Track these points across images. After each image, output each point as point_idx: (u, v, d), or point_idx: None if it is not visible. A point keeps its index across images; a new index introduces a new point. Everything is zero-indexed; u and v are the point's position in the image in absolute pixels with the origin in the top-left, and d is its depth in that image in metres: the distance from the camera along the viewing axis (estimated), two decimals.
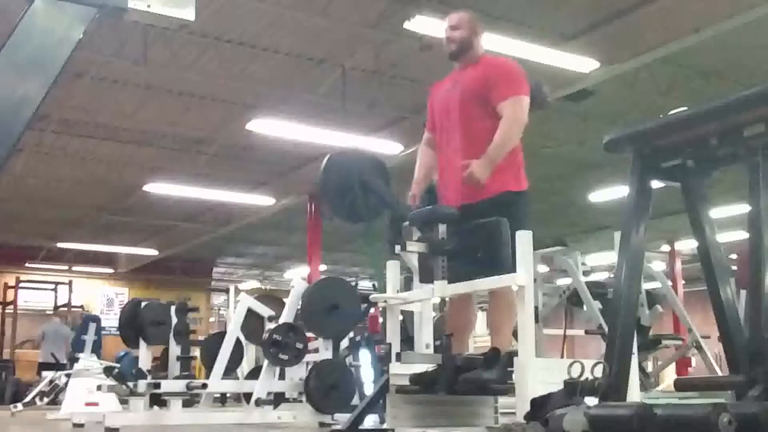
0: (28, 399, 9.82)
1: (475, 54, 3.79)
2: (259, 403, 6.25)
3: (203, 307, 20.04)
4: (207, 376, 6.78)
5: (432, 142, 3.92)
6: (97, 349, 10.80)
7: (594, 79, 8.59)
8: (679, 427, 1.75)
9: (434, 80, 3.85)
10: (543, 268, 7.87)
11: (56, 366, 11.52)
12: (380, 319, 6.70)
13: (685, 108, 2.16)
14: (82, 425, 6.34)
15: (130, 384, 6.29)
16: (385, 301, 3.80)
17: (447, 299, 3.74)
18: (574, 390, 2.00)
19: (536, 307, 6.22)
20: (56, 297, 17.09)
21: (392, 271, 3.81)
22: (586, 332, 7.13)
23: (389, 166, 4.04)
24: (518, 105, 3.57)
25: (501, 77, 3.64)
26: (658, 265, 15.89)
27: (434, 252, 3.36)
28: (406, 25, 7.19)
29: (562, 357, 6.46)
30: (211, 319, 22.62)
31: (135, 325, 7.46)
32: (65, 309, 16.31)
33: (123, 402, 7.51)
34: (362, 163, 4.11)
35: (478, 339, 13.14)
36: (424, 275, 3.44)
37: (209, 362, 6.87)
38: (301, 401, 6.42)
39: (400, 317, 3.94)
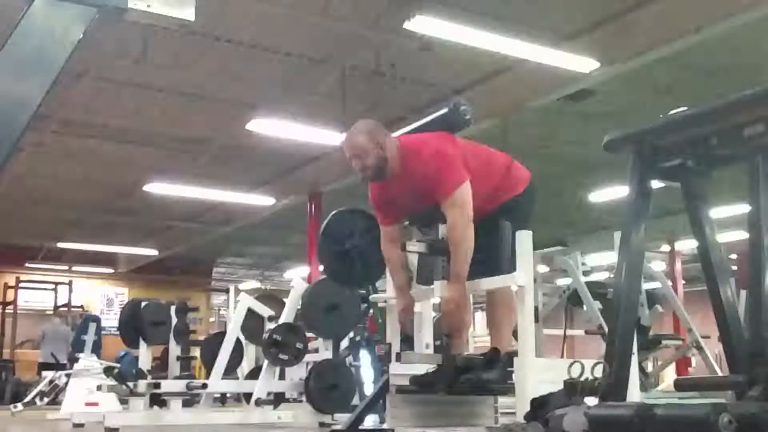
0: (28, 399, 9.82)
1: (393, 162, 3.43)
2: (259, 403, 6.25)
3: (203, 307, 20.04)
4: (207, 376, 6.79)
5: (394, 235, 3.60)
6: (97, 349, 10.82)
7: (594, 79, 8.59)
8: (679, 427, 1.75)
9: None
10: (543, 268, 7.88)
11: (56, 366, 11.53)
12: (378, 319, 6.70)
13: (685, 108, 2.16)
14: (82, 425, 6.35)
15: (130, 384, 6.30)
16: (385, 301, 3.80)
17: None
18: (574, 390, 2.00)
19: (536, 307, 6.22)
20: (56, 297, 17.11)
21: None
22: (586, 332, 7.13)
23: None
24: (457, 204, 3.30)
25: (433, 178, 3.34)
26: (658, 265, 15.90)
27: (434, 252, 3.36)
28: (406, 25, 7.19)
29: (562, 357, 6.47)
30: (211, 319, 22.63)
31: (135, 325, 7.48)
32: (65, 309, 16.33)
33: (123, 402, 7.52)
34: (354, 226, 4.08)
35: (478, 339, 13.14)
36: (424, 276, 3.44)
37: (209, 362, 6.88)
38: (301, 401, 6.43)
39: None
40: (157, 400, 6.79)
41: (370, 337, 7.30)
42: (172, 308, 7.36)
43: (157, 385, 6.30)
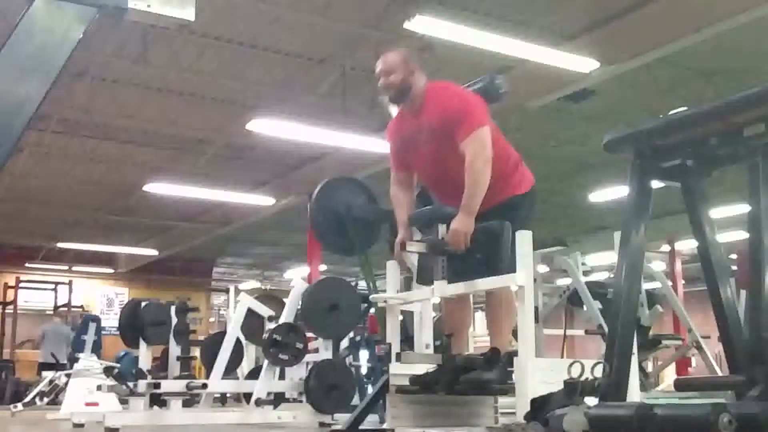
0: (28, 399, 9.81)
1: (418, 93, 3.53)
2: (259, 403, 6.25)
3: (203, 307, 20.02)
4: (207, 376, 6.78)
5: (404, 181, 3.73)
6: (97, 349, 10.81)
7: (594, 79, 8.59)
8: (679, 427, 1.75)
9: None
10: (543, 268, 7.87)
11: (56, 366, 11.52)
12: (377, 319, 6.70)
13: (685, 108, 2.16)
14: (82, 425, 6.34)
15: (130, 384, 6.29)
16: (385, 301, 3.80)
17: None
18: (574, 390, 2.00)
19: (536, 307, 6.21)
20: (56, 297, 17.09)
21: (392, 271, 3.81)
22: (586, 332, 7.12)
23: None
24: (478, 142, 3.36)
25: (455, 115, 3.41)
26: (658, 265, 15.88)
27: (434, 252, 3.36)
28: (406, 25, 7.19)
29: (562, 357, 6.46)
30: (211, 319, 22.62)
31: (135, 325, 7.46)
32: (65, 309, 16.32)
33: (123, 402, 7.51)
34: (348, 195, 4.07)
35: (478, 339, 13.14)
36: (424, 275, 3.44)
37: (209, 362, 6.87)
38: (301, 401, 6.42)
39: (400, 317, 3.95)
40: (157, 400, 6.78)
41: (370, 337, 7.31)
42: (172, 308, 7.35)
43: (157, 385, 6.29)
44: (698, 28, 7.44)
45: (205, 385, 6.43)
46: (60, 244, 17.68)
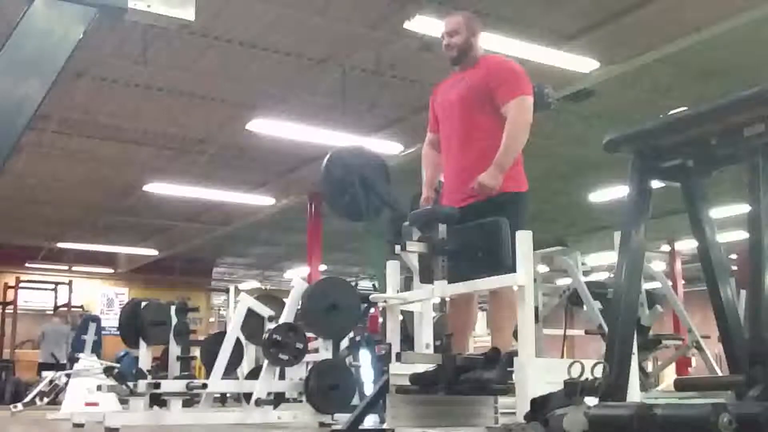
0: (28, 399, 9.81)
1: (475, 55, 3.80)
2: (259, 403, 6.25)
3: (203, 307, 20.03)
4: (207, 376, 6.78)
5: (435, 142, 3.92)
6: (97, 349, 10.81)
7: (594, 79, 8.59)
8: (679, 427, 1.75)
9: (434, 80, 3.85)
10: (543, 268, 7.87)
11: (56, 366, 11.53)
12: (380, 320, 6.70)
13: (685, 108, 2.16)
14: (82, 425, 6.34)
15: (130, 384, 6.29)
16: (385, 301, 3.80)
17: (447, 299, 3.75)
18: (574, 390, 2.00)
19: (536, 307, 6.21)
20: (56, 297, 17.08)
21: (392, 271, 3.81)
22: (586, 332, 7.12)
23: (389, 166, 4.04)
24: (523, 105, 3.56)
25: (504, 77, 3.63)
26: (658, 265, 15.89)
27: (434, 252, 3.36)
28: (406, 25, 7.19)
29: (562, 357, 6.46)
30: (211, 319, 22.62)
31: (135, 325, 7.46)
32: (65, 309, 16.31)
33: (123, 402, 7.51)
34: (365, 161, 4.13)
35: (478, 339, 13.14)
36: (424, 275, 3.44)
37: (209, 362, 6.87)
38: (301, 401, 6.42)
39: (400, 317, 3.95)
40: (157, 400, 6.77)
41: (370, 337, 7.31)
42: (172, 308, 7.36)
43: (157, 385, 6.29)
44: (698, 28, 7.44)
45: (205, 385, 6.43)
46: (60, 244, 17.68)
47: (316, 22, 8.01)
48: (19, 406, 9.24)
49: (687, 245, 16.92)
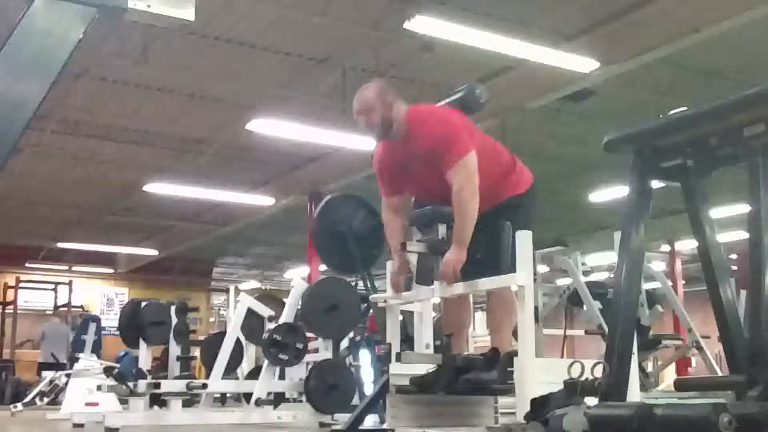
0: (28, 399, 9.81)
1: (401, 124, 3.45)
2: (259, 403, 6.25)
3: (203, 307, 20.03)
4: (207, 376, 6.78)
5: (397, 206, 3.63)
6: (97, 349, 10.82)
7: (594, 79, 8.59)
8: (679, 427, 1.75)
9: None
10: (543, 268, 7.87)
11: (56, 366, 11.53)
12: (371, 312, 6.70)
13: (685, 108, 2.16)
14: (82, 425, 6.34)
15: (130, 384, 6.29)
16: (385, 301, 3.80)
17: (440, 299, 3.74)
18: (574, 390, 2.00)
19: (536, 307, 6.22)
20: (56, 297, 17.08)
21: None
22: (586, 332, 7.12)
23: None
24: (463, 170, 3.31)
25: (439, 145, 3.35)
26: (658, 265, 15.89)
27: (434, 252, 3.36)
28: (406, 25, 7.19)
29: (562, 357, 6.46)
30: (211, 319, 22.61)
31: (135, 325, 7.47)
32: (65, 309, 16.31)
33: (123, 402, 7.51)
34: (352, 212, 4.05)
35: (478, 339, 13.14)
36: (424, 275, 3.44)
37: (209, 362, 6.87)
38: (301, 401, 6.42)
39: (400, 317, 3.95)
40: (157, 400, 6.78)
41: (370, 337, 7.30)
42: (172, 308, 7.35)
43: (157, 385, 6.29)
44: (698, 28, 7.44)
45: (205, 385, 6.43)
46: (60, 244, 17.68)
47: (316, 22, 8.01)
48: (19, 406, 9.24)
49: (687, 245, 16.92)
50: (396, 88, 3.63)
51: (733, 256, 6.67)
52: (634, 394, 2.66)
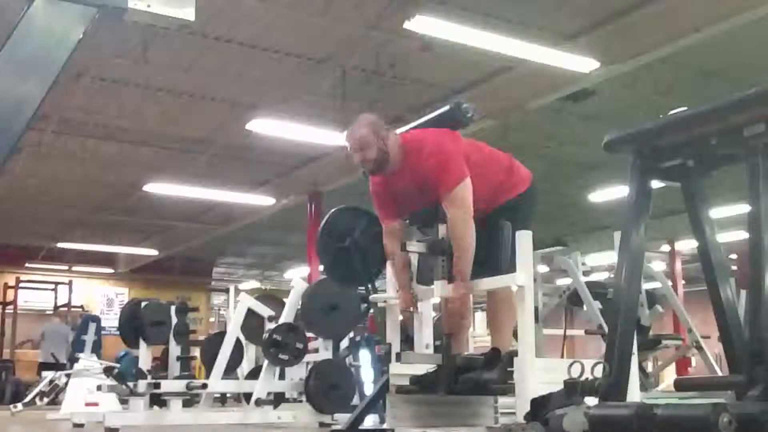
0: (28, 399, 9.80)
1: (396, 155, 3.44)
2: (259, 403, 6.25)
3: (203, 307, 20.03)
4: (207, 376, 6.78)
5: (397, 231, 3.59)
6: (97, 349, 10.80)
7: (594, 79, 8.59)
8: (679, 427, 1.75)
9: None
10: (543, 268, 7.86)
11: (56, 366, 11.51)
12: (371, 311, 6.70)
13: (685, 108, 2.16)
14: (82, 425, 6.34)
15: (130, 384, 6.29)
16: (385, 301, 3.80)
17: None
18: (574, 390, 2.00)
19: (536, 307, 6.21)
20: (56, 297, 17.09)
21: (392, 271, 3.80)
22: (586, 332, 7.12)
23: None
24: (457, 200, 3.32)
25: (433, 175, 3.36)
26: (658, 265, 15.89)
27: (434, 252, 3.36)
28: (406, 25, 7.19)
29: (562, 357, 6.46)
30: (211, 319, 22.62)
31: (135, 325, 7.47)
32: (65, 309, 16.31)
33: (123, 402, 7.51)
34: (354, 224, 4.06)
35: (478, 339, 13.14)
36: (424, 275, 3.44)
37: (209, 362, 6.87)
38: (301, 401, 6.42)
39: (400, 317, 3.95)
40: (157, 400, 6.78)
41: (370, 337, 7.30)
42: (172, 308, 7.36)
43: (157, 385, 6.29)
44: (698, 28, 7.44)
45: (205, 385, 6.43)
46: (60, 244, 17.68)
47: (316, 22, 8.01)
48: (19, 406, 9.24)
49: (687, 245, 16.92)
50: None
51: (733, 256, 6.67)
52: (634, 394, 2.66)
